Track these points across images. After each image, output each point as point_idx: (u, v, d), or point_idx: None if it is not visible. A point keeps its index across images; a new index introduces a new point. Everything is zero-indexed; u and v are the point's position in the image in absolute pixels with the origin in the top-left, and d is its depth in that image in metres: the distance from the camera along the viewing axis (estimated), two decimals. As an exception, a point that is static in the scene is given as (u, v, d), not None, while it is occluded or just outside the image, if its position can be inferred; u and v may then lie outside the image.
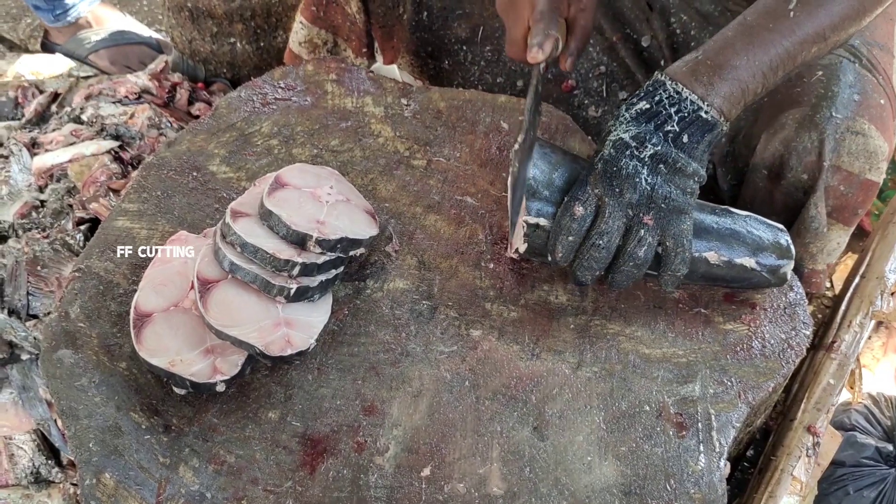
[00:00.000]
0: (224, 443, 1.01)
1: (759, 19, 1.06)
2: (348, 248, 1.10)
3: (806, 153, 1.19)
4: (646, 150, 1.01)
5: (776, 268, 1.11)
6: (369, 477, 0.99)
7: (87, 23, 2.08)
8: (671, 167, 1.02)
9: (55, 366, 1.05)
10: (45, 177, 1.60)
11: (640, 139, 1.02)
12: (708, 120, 1.03)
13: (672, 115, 1.02)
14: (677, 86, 1.03)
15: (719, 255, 1.08)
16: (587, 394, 1.06)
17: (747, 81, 1.04)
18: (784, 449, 1.14)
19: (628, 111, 1.04)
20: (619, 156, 1.02)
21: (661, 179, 1.02)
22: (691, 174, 1.03)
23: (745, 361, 1.09)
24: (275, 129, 1.32)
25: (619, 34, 1.42)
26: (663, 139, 1.02)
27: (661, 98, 1.03)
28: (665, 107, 1.03)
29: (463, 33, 1.51)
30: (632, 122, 1.03)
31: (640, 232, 1.01)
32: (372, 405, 1.04)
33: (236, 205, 1.12)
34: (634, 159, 1.01)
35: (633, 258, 1.02)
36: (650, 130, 1.02)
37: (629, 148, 1.02)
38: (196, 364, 1.02)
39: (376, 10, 1.49)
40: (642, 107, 1.03)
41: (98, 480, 0.97)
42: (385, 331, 1.10)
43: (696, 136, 1.03)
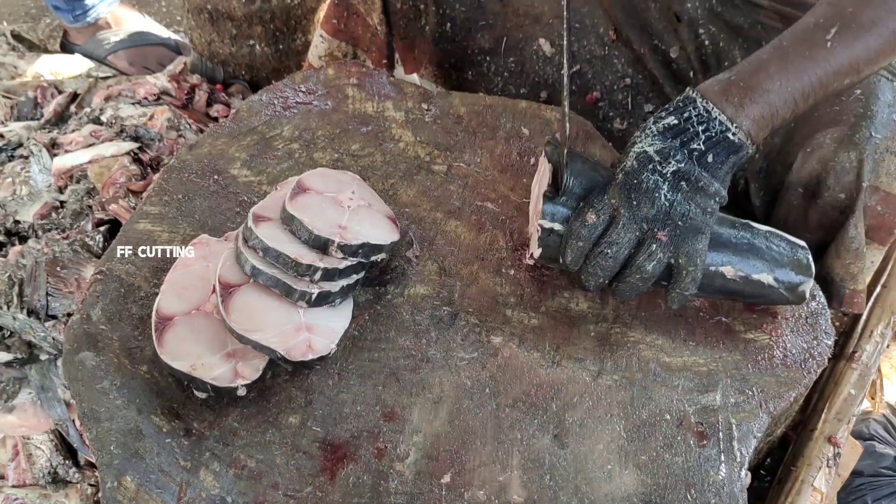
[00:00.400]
0: (244, 447, 1.01)
1: (795, 45, 1.05)
2: (370, 254, 1.10)
3: (844, 173, 1.18)
4: (669, 165, 1.01)
5: (794, 285, 1.09)
6: (389, 483, 0.99)
7: (107, 23, 2.09)
8: (693, 185, 1.01)
9: (77, 368, 1.05)
10: (65, 178, 1.61)
11: (665, 154, 1.01)
12: (734, 142, 1.02)
13: (699, 134, 1.01)
14: (707, 104, 1.02)
15: (736, 271, 1.07)
16: (607, 402, 1.05)
17: (778, 106, 1.03)
18: (804, 459, 1.13)
19: (655, 125, 1.03)
20: (641, 169, 1.01)
21: (681, 197, 1.01)
22: (713, 194, 1.02)
23: (766, 371, 1.09)
24: (296, 133, 1.32)
25: (646, 46, 1.41)
26: (688, 156, 1.01)
27: (690, 115, 1.02)
28: (693, 124, 1.02)
29: (486, 44, 1.51)
30: (658, 136, 1.02)
31: (652, 247, 1.01)
32: (392, 411, 1.04)
33: (258, 209, 1.12)
34: (656, 174, 1.01)
35: (640, 271, 1.01)
36: (675, 147, 1.01)
37: (652, 162, 1.01)
38: (217, 368, 1.03)
39: (398, 22, 1.49)
40: (670, 122, 1.03)
41: (119, 483, 0.98)
42: (405, 336, 1.10)
43: (722, 156, 1.02)
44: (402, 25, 1.51)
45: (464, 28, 1.50)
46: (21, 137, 1.75)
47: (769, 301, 1.12)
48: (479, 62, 1.52)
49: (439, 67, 1.55)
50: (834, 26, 1.04)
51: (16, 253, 1.47)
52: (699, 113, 1.02)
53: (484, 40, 1.50)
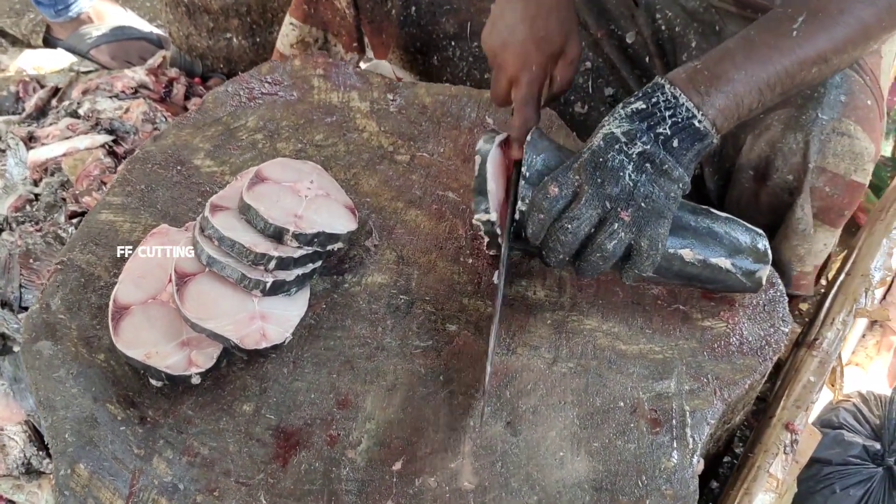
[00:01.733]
0: (198, 435, 1.02)
1: (761, 35, 1.04)
2: (325, 243, 1.11)
3: (791, 154, 1.18)
4: (635, 147, 1.01)
5: (752, 271, 1.09)
6: (341, 470, 0.99)
7: (89, 18, 2.10)
8: (657, 168, 1.01)
9: (35, 357, 1.06)
10: (40, 170, 1.62)
11: (631, 136, 1.01)
12: (700, 129, 1.01)
13: (666, 119, 1.01)
14: (675, 90, 1.02)
15: (695, 254, 1.07)
16: (561, 389, 1.06)
17: (743, 96, 1.02)
18: (762, 446, 1.13)
19: (624, 109, 1.03)
20: (608, 148, 1.01)
21: (645, 178, 1.01)
22: (676, 179, 1.02)
23: (722, 358, 1.09)
24: (260, 124, 1.32)
25: (603, 30, 1.41)
26: (654, 139, 1.01)
27: (658, 100, 1.02)
28: (660, 109, 1.02)
29: (451, 29, 1.51)
30: (625, 119, 1.02)
31: (614, 225, 1.00)
32: (346, 399, 1.05)
33: (217, 199, 1.12)
34: (622, 154, 1.00)
35: (600, 249, 1.01)
36: (642, 129, 1.01)
37: (618, 142, 1.01)
38: (172, 356, 1.03)
39: (365, 5, 1.50)
40: (638, 106, 1.03)
41: (73, 471, 0.98)
42: (361, 325, 1.11)
43: (687, 142, 1.02)
44: (369, 9, 1.51)
45: (428, 12, 1.50)
46: (0, 131, 1.76)
47: (726, 287, 1.11)
48: (445, 47, 1.52)
49: (406, 52, 1.55)
50: (801, 15, 1.03)
51: (-10, 245, 1.48)
52: (667, 98, 1.02)
53: (449, 25, 1.50)
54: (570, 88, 1.22)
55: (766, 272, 1.10)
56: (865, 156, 1.18)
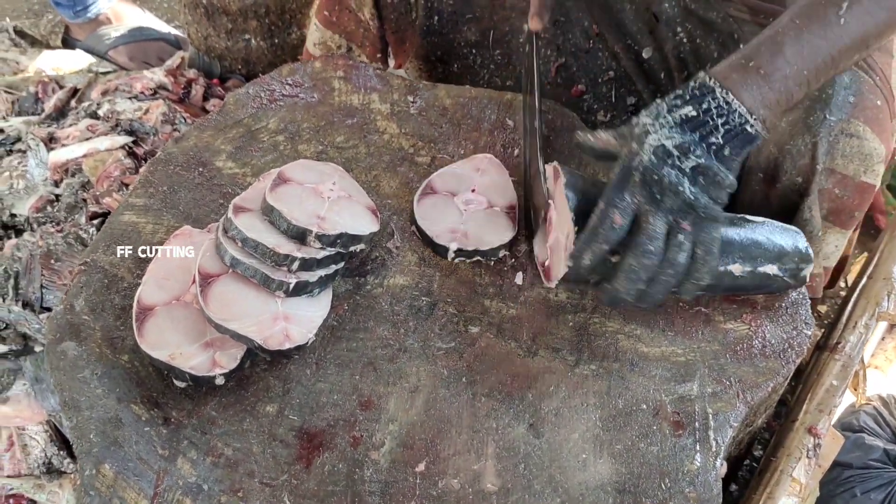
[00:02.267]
0: (222, 435, 1.02)
1: (809, 25, 1.01)
2: (348, 244, 1.11)
3: (800, 156, 1.17)
4: (688, 161, 0.97)
5: (797, 272, 1.11)
6: (364, 471, 1.00)
7: (107, 19, 2.11)
8: (710, 180, 0.98)
9: (59, 358, 1.07)
10: (61, 171, 1.63)
11: (684, 149, 0.97)
12: (752, 133, 0.99)
13: (718, 127, 0.98)
14: (727, 95, 0.98)
15: (743, 267, 1.08)
16: (584, 391, 1.06)
17: (793, 91, 1.01)
18: (784, 450, 1.13)
19: (671, 114, 0.99)
20: (661, 164, 0.97)
21: (699, 190, 0.98)
22: (727, 186, 1.00)
23: (744, 361, 1.09)
24: (281, 126, 1.33)
25: (620, 45, 1.41)
26: (706, 151, 0.98)
27: (710, 107, 0.98)
28: (713, 117, 0.98)
29: (473, 37, 1.51)
30: (675, 128, 0.98)
31: (680, 237, 0.98)
32: (369, 400, 1.05)
33: (239, 200, 1.13)
34: (676, 169, 0.97)
35: (673, 265, 0.98)
36: (695, 141, 0.98)
37: (671, 157, 0.97)
38: (196, 357, 1.04)
39: (389, 16, 1.50)
40: (688, 113, 0.99)
41: (98, 471, 0.99)
42: (384, 326, 1.11)
43: (738, 148, 0.99)
44: (394, 19, 1.51)
45: (451, 21, 1.50)
46: (20, 132, 1.77)
47: (772, 290, 1.13)
48: (466, 55, 1.53)
49: (425, 61, 1.56)
50: (845, 0, 1.01)
51: (11, 246, 1.48)
52: (719, 105, 0.98)
53: (471, 33, 1.51)
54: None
55: (810, 270, 1.12)
56: (875, 157, 1.17)
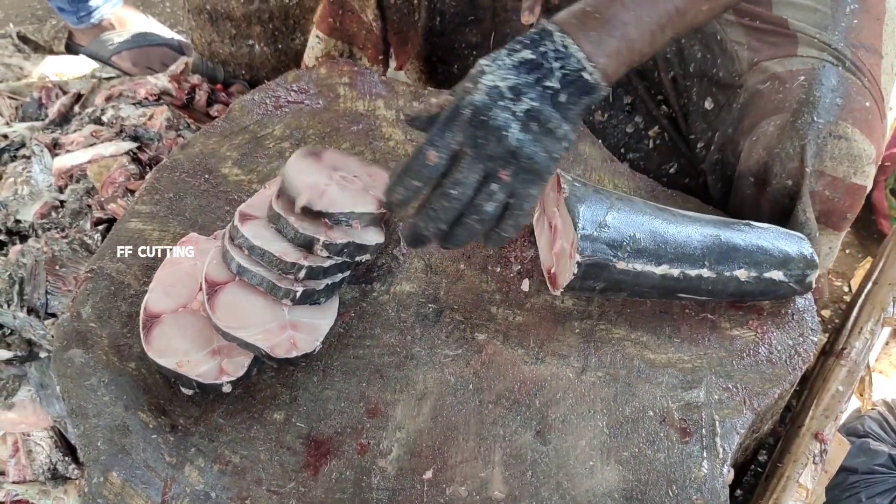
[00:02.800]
0: (229, 443, 1.02)
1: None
2: (354, 253, 1.11)
3: (789, 159, 1.17)
4: (521, 103, 0.93)
5: (802, 277, 1.11)
6: (372, 479, 1.00)
7: (111, 24, 2.11)
8: (543, 126, 0.94)
9: (66, 365, 1.07)
10: (65, 177, 1.63)
11: (517, 91, 0.94)
12: (590, 82, 0.96)
13: (554, 71, 0.95)
14: (566, 39, 0.96)
15: (749, 273, 1.08)
16: (591, 398, 1.06)
17: (635, 39, 0.98)
18: (791, 456, 1.13)
19: (510, 57, 0.96)
20: (492, 104, 0.93)
21: (530, 137, 0.94)
22: (561, 137, 0.95)
23: (750, 367, 1.09)
24: (287, 132, 1.33)
25: None
26: (541, 94, 0.94)
27: (547, 50, 0.96)
28: (549, 59, 0.95)
29: (474, 39, 1.51)
30: (511, 69, 0.95)
31: (493, 186, 0.94)
32: (376, 407, 1.05)
33: (245, 207, 1.13)
34: (507, 111, 0.93)
35: (478, 212, 0.95)
36: (530, 83, 0.94)
37: (503, 98, 0.93)
38: (203, 365, 1.04)
39: (392, 17, 1.50)
40: (525, 55, 0.95)
41: (105, 479, 0.99)
42: (390, 334, 1.11)
43: (575, 96, 0.96)
44: (396, 20, 1.51)
45: (453, 22, 1.50)
46: (24, 138, 1.77)
47: (778, 296, 1.13)
48: (466, 56, 1.53)
49: (426, 62, 1.56)
50: None
51: (16, 252, 1.48)
52: (556, 48, 0.96)
53: (472, 35, 1.51)
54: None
55: (816, 275, 1.12)
56: (864, 158, 1.17)
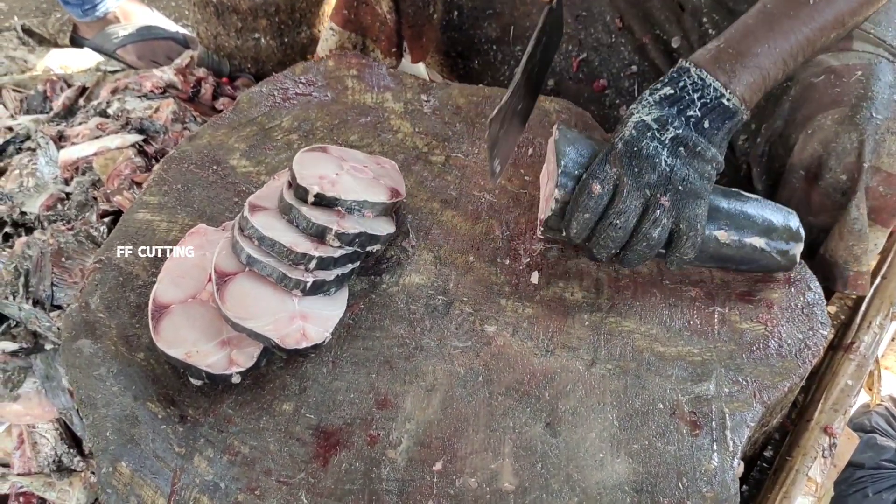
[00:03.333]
0: (238, 434, 1.02)
1: (779, 6, 1.07)
2: (366, 244, 1.11)
3: (846, 154, 1.18)
4: (667, 132, 1.03)
5: (785, 250, 1.11)
6: (381, 470, 1.00)
7: (115, 18, 2.11)
8: (691, 151, 1.03)
9: (75, 355, 1.07)
10: (71, 169, 1.62)
11: (662, 122, 1.03)
12: (729, 107, 1.04)
13: (695, 101, 1.04)
14: (701, 72, 1.04)
15: (729, 235, 1.09)
16: (601, 391, 1.05)
17: (768, 69, 1.05)
18: (800, 449, 1.12)
19: (652, 96, 1.05)
20: (640, 137, 1.03)
21: (680, 162, 1.03)
22: (710, 159, 1.04)
23: (760, 361, 1.09)
24: (295, 124, 1.33)
25: (648, 35, 1.42)
26: (685, 123, 1.03)
27: (685, 84, 1.05)
28: (688, 92, 1.04)
29: (493, 33, 1.51)
30: (655, 105, 1.05)
31: (656, 213, 1.02)
32: (385, 399, 1.05)
33: (254, 198, 1.13)
34: (655, 140, 1.03)
35: (647, 238, 1.03)
36: (672, 114, 1.04)
37: (650, 130, 1.03)
38: (212, 356, 1.04)
39: (406, 10, 1.50)
40: (666, 92, 1.05)
41: (114, 469, 0.99)
42: (400, 325, 1.11)
43: (717, 122, 1.04)
44: (411, 13, 1.51)
45: (471, 16, 1.50)
46: (29, 130, 1.76)
47: (761, 267, 1.13)
48: (486, 51, 1.53)
49: (445, 56, 1.56)
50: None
51: (22, 244, 1.48)
52: (693, 81, 1.05)
53: (491, 29, 1.51)
54: None
55: (800, 249, 1.13)
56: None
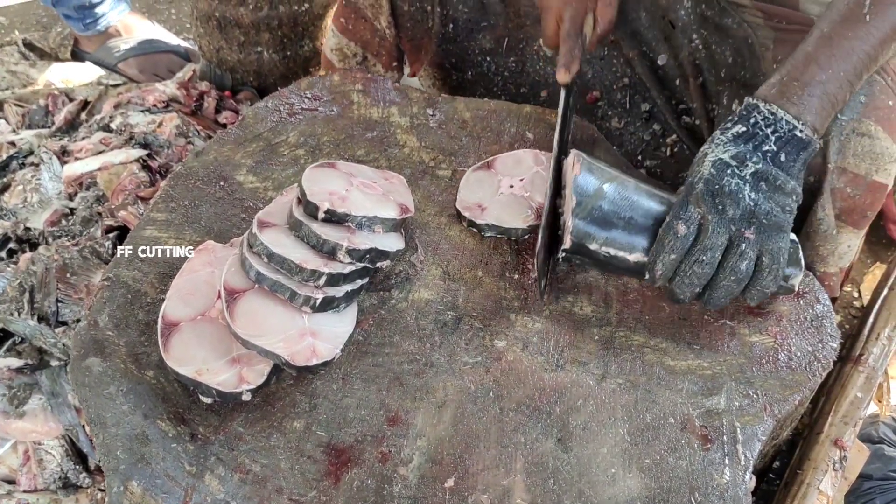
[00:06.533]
0: (249, 452, 1.02)
1: (836, 29, 1.07)
2: (376, 259, 1.11)
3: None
4: (747, 168, 1.03)
5: (786, 277, 1.11)
6: (393, 487, 0.99)
7: (117, 31, 2.11)
8: (772, 185, 1.03)
9: (84, 374, 1.06)
10: (75, 185, 1.62)
11: (741, 158, 1.03)
12: (803, 138, 1.04)
13: (769, 136, 1.04)
14: (771, 107, 1.05)
15: None
16: (611, 405, 1.05)
17: (835, 93, 1.06)
18: (810, 462, 1.13)
19: (724, 134, 1.05)
20: (721, 174, 1.02)
21: (762, 196, 1.03)
22: (790, 192, 1.04)
23: (770, 374, 1.09)
24: (301, 139, 1.33)
25: (636, 51, 1.43)
26: (762, 158, 1.03)
27: (757, 120, 1.05)
28: (761, 128, 1.04)
29: (487, 45, 1.52)
30: (729, 143, 1.04)
31: (742, 246, 1.02)
32: (396, 415, 1.04)
33: (263, 215, 1.13)
34: (736, 177, 1.02)
35: (734, 272, 1.02)
36: (749, 150, 1.03)
37: (730, 167, 1.03)
38: (222, 373, 1.03)
39: (405, 24, 1.50)
40: (738, 130, 1.05)
41: (126, 488, 0.98)
42: (409, 341, 1.11)
43: (793, 154, 1.04)
44: (410, 28, 1.51)
45: (466, 29, 1.51)
46: (32, 145, 1.77)
47: None
48: (480, 62, 1.54)
49: (440, 68, 1.56)
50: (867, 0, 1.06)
51: (26, 260, 1.48)
52: (765, 116, 1.05)
53: (485, 40, 1.52)
54: (611, 30, 1.29)
55: (800, 278, 1.12)
56: (886, 156, 1.19)
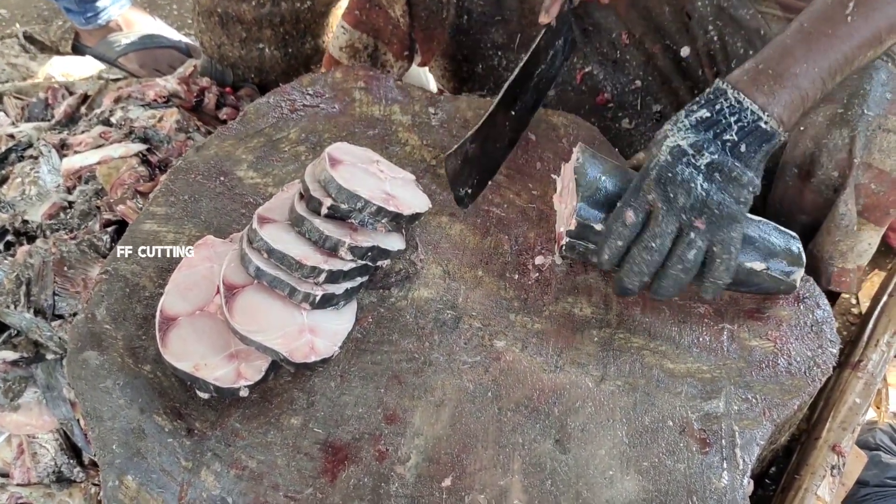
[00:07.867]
0: (246, 448, 1.01)
1: (817, 25, 1.06)
2: (377, 258, 1.11)
3: (837, 150, 1.18)
4: (703, 157, 1.02)
5: (786, 274, 1.11)
6: (390, 486, 0.99)
7: (118, 26, 2.10)
8: (727, 176, 1.02)
9: (80, 367, 1.06)
10: (74, 178, 1.61)
11: (698, 147, 1.02)
12: (767, 130, 1.03)
13: (732, 125, 1.03)
14: (739, 95, 1.04)
15: None
16: (610, 407, 1.05)
17: (807, 89, 1.04)
18: (808, 468, 1.12)
19: (688, 118, 1.04)
20: (675, 162, 1.02)
21: (715, 187, 1.02)
22: (746, 184, 1.03)
23: (770, 378, 1.08)
24: (302, 136, 1.32)
25: (658, 45, 1.42)
26: (721, 148, 1.03)
27: (722, 107, 1.04)
28: (725, 115, 1.03)
29: (500, 39, 1.52)
30: (691, 129, 1.04)
31: (691, 235, 1.01)
32: (394, 413, 1.04)
33: (263, 210, 1.12)
34: (690, 166, 1.02)
35: (682, 261, 1.02)
36: (709, 139, 1.03)
37: (686, 155, 1.02)
38: (220, 369, 1.03)
39: (420, 14, 1.49)
40: (702, 115, 1.04)
41: (121, 482, 0.98)
42: (409, 339, 1.10)
43: (754, 145, 1.03)
44: (424, 17, 1.51)
45: (479, 22, 1.51)
46: (31, 138, 1.76)
47: (761, 290, 1.13)
48: (491, 56, 1.53)
49: (451, 60, 1.56)
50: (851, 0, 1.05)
51: (24, 252, 1.47)
52: (731, 104, 1.04)
53: (498, 35, 1.51)
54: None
55: (800, 274, 1.12)
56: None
